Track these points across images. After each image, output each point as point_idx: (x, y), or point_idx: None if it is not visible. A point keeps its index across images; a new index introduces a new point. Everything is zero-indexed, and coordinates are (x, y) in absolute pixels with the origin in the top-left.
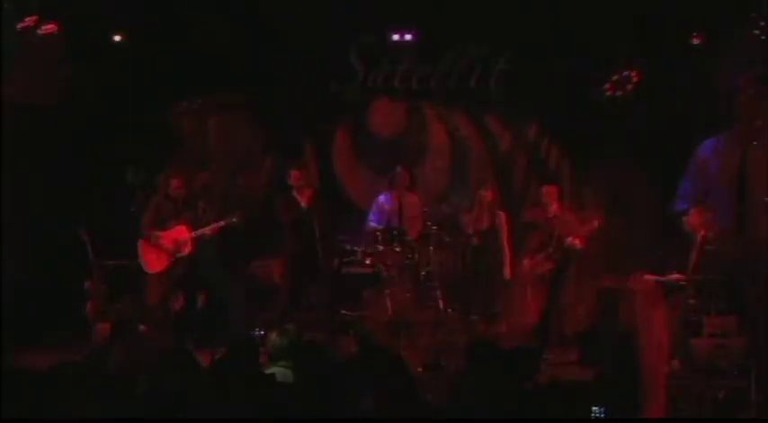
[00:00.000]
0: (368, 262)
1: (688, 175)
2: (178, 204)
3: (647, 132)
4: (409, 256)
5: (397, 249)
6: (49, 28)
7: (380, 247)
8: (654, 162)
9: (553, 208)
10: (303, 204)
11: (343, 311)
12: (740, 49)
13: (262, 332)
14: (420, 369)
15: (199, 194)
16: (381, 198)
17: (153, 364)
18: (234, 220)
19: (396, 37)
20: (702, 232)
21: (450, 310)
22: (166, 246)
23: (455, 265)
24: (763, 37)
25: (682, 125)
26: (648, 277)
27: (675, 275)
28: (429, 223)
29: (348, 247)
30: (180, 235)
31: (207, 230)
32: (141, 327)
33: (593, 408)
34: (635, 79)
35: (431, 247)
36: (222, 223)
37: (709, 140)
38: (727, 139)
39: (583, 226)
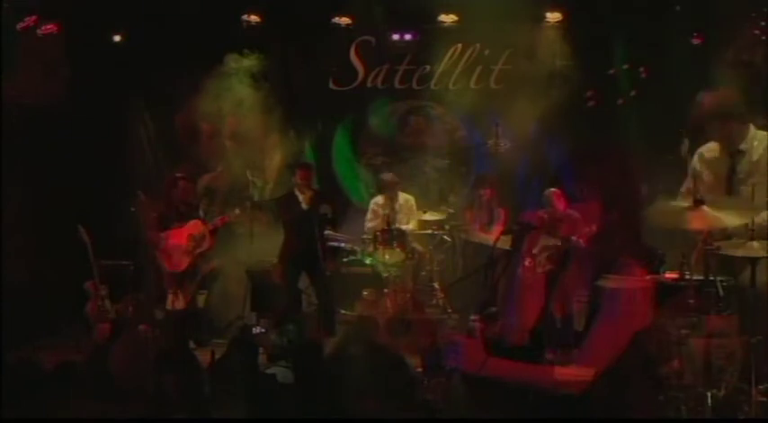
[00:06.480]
0: (368, 262)
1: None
2: (181, 209)
3: (648, 130)
4: (409, 256)
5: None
6: (48, 28)
7: (380, 248)
8: (657, 160)
9: (554, 208)
10: (304, 204)
11: (342, 311)
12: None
13: (262, 331)
14: (420, 369)
15: (202, 196)
16: (379, 199)
17: (153, 364)
18: (237, 211)
19: (396, 37)
20: (704, 232)
21: (450, 310)
22: (179, 244)
23: (455, 264)
24: (763, 37)
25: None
26: (650, 277)
27: (675, 275)
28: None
29: (348, 247)
30: (195, 230)
31: (218, 222)
32: (141, 327)
33: None
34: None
35: (431, 247)
36: (227, 217)
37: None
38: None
39: (585, 225)
